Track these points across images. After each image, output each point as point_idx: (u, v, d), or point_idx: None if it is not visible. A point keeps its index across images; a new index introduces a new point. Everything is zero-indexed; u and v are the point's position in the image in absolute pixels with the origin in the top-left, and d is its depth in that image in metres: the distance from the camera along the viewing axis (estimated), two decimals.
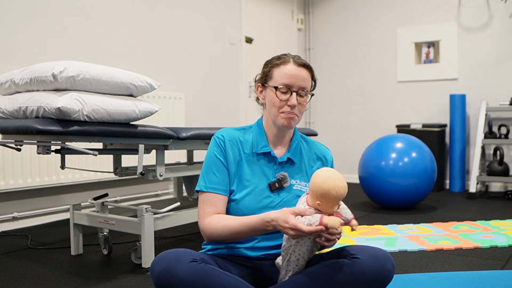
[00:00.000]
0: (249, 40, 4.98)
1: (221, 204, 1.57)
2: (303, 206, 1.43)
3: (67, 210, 3.42)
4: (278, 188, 1.59)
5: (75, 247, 2.53)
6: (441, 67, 5.02)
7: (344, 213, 1.44)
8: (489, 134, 4.55)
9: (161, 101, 3.89)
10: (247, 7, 4.95)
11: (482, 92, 4.82)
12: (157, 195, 4.05)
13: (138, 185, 3.91)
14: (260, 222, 1.45)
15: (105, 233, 2.51)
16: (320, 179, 1.40)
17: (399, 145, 3.70)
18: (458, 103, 4.72)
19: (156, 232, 2.35)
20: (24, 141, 2.21)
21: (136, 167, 2.65)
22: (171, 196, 3.24)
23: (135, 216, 2.35)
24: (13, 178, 3.04)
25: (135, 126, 2.24)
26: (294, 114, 1.56)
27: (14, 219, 3.15)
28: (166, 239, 2.87)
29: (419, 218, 3.46)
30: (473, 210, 3.77)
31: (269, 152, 1.61)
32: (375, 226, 3.18)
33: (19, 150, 2.48)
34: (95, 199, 2.60)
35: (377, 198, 3.76)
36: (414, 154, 3.65)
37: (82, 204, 2.59)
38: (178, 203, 2.48)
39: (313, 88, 1.63)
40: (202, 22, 4.45)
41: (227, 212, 1.59)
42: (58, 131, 1.97)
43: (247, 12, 4.94)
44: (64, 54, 3.35)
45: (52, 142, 2.10)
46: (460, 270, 2.25)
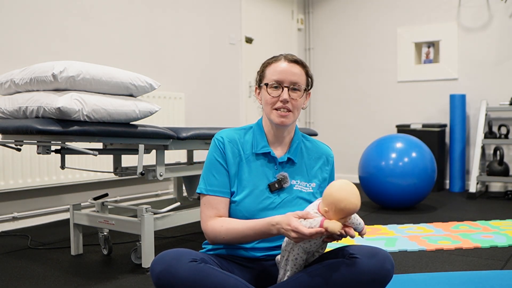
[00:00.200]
0: (249, 40, 4.98)
1: (222, 207, 1.57)
2: (312, 210, 1.43)
3: (67, 210, 3.42)
4: (278, 188, 1.58)
5: (75, 247, 2.53)
6: (441, 67, 5.02)
7: (355, 222, 1.42)
8: (489, 134, 4.55)
9: (161, 101, 3.89)
10: (247, 7, 4.95)
11: (482, 92, 4.82)
12: (157, 195, 4.05)
13: (138, 185, 3.91)
14: (265, 225, 1.45)
15: (105, 233, 2.51)
16: (335, 188, 1.39)
17: (399, 145, 3.70)
18: (458, 103, 4.72)
19: (156, 232, 2.35)
20: (24, 141, 2.21)
21: (136, 167, 2.65)
22: (171, 196, 3.24)
23: (135, 216, 2.35)
24: (13, 178, 3.05)
25: (135, 126, 2.24)
26: (287, 110, 1.55)
27: (14, 219, 3.15)
28: (166, 239, 2.87)
29: (419, 218, 3.46)
30: (473, 210, 3.77)
31: (269, 152, 1.61)
32: (375, 226, 3.18)
33: (19, 150, 2.48)
34: (95, 199, 2.60)
35: (377, 198, 3.76)
36: (414, 154, 3.65)
37: (82, 204, 2.59)
38: (178, 203, 2.48)
39: (309, 85, 1.62)
40: (202, 22, 4.45)
41: (228, 213, 1.59)
42: (58, 131, 1.97)
43: (247, 12, 4.94)
44: (64, 54, 3.35)
45: (52, 142, 2.10)
46: (460, 270, 2.25)
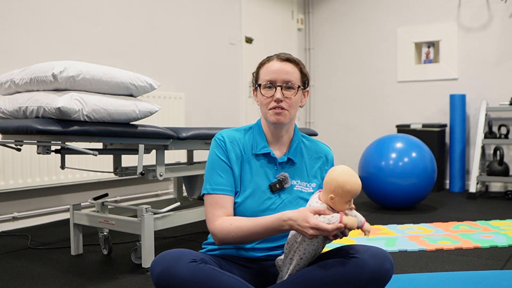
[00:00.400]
0: (249, 40, 4.98)
1: (230, 205, 1.55)
2: (316, 202, 1.44)
3: (67, 210, 3.42)
4: (279, 189, 1.58)
5: (75, 247, 2.53)
6: (441, 67, 5.02)
7: (355, 216, 1.43)
8: (489, 134, 4.55)
9: (161, 101, 3.89)
10: (247, 7, 4.95)
11: (482, 92, 4.82)
12: (157, 195, 4.05)
13: (138, 185, 3.91)
14: (276, 221, 1.42)
15: (105, 233, 2.51)
16: (336, 173, 1.42)
17: (399, 145, 3.70)
18: (458, 103, 4.72)
19: (156, 232, 2.35)
20: (24, 141, 2.21)
21: (136, 167, 2.65)
22: (171, 196, 3.24)
23: (135, 216, 2.35)
24: (13, 178, 3.05)
25: (135, 126, 2.25)
26: (282, 108, 1.54)
27: (14, 219, 3.16)
28: (166, 239, 2.87)
29: (419, 218, 3.46)
30: (473, 210, 3.77)
31: (269, 152, 1.60)
32: (375, 226, 3.18)
33: (19, 150, 2.48)
34: (95, 199, 2.60)
35: (377, 198, 3.76)
36: (414, 154, 3.65)
37: (82, 204, 2.59)
38: (178, 203, 2.48)
39: (306, 83, 1.61)
40: (202, 22, 4.45)
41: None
42: (58, 131, 1.97)
43: (247, 12, 4.94)
44: (64, 54, 3.35)
45: (52, 142, 2.10)
46: (460, 270, 2.25)
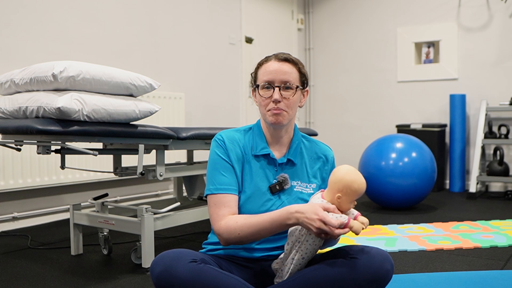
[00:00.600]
0: (249, 40, 4.98)
1: (235, 204, 1.54)
2: (322, 202, 1.44)
3: (67, 210, 3.42)
4: (279, 190, 1.57)
5: (75, 247, 2.53)
6: (441, 67, 5.02)
7: (351, 215, 1.45)
8: (489, 134, 4.55)
9: (161, 101, 3.89)
10: (247, 7, 4.95)
11: (482, 92, 4.82)
12: (157, 195, 4.05)
13: (138, 185, 3.91)
14: (284, 213, 1.41)
15: (105, 233, 2.51)
16: (343, 172, 1.43)
17: (399, 145, 3.70)
18: (458, 103, 4.72)
19: (156, 232, 2.35)
20: (24, 141, 2.21)
21: (136, 167, 2.65)
22: (171, 196, 3.24)
23: (135, 216, 2.35)
24: (13, 178, 3.04)
25: (135, 126, 2.24)
26: (280, 109, 1.53)
27: (14, 219, 3.15)
28: (166, 239, 2.87)
29: (419, 218, 3.46)
30: (473, 210, 3.77)
31: (268, 154, 1.59)
32: (375, 226, 3.18)
33: (19, 150, 2.48)
34: (95, 199, 2.60)
35: (377, 198, 3.76)
36: (414, 154, 3.65)
37: (82, 204, 2.59)
38: (178, 203, 2.48)
39: (305, 83, 1.60)
40: (202, 22, 4.45)
41: None
42: (58, 131, 1.97)
43: (247, 12, 4.94)
44: (64, 54, 3.35)
45: (52, 142, 2.10)
46: (460, 270, 2.25)
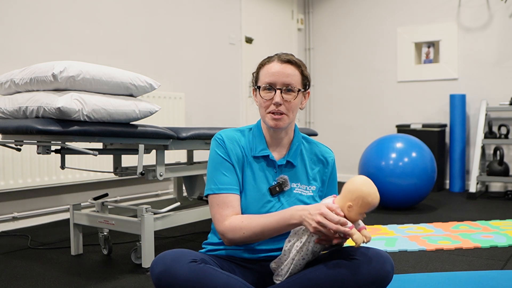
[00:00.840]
0: (249, 40, 4.98)
1: (238, 204, 1.53)
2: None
3: (67, 210, 3.42)
4: (278, 192, 1.56)
5: (75, 247, 2.53)
6: (441, 67, 5.02)
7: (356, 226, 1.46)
8: (489, 134, 4.55)
9: (161, 101, 3.89)
10: (247, 7, 4.94)
11: (482, 92, 4.81)
12: (157, 195, 4.05)
13: (138, 185, 3.91)
14: (289, 212, 1.43)
15: (105, 233, 2.51)
16: (359, 182, 1.42)
17: (399, 145, 3.69)
18: (458, 103, 4.72)
19: (156, 232, 2.35)
20: (24, 141, 2.21)
21: (136, 167, 2.65)
22: (171, 196, 3.24)
23: (135, 216, 2.35)
24: (13, 178, 3.04)
25: (135, 126, 2.24)
26: (281, 113, 1.52)
27: (14, 219, 3.15)
28: (166, 239, 2.87)
29: (419, 218, 3.45)
30: (473, 210, 3.76)
31: (268, 155, 1.58)
32: (375, 226, 3.18)
33: (19, 150, 2.48)
34: (95, 199, 2.60)
35: None
36: (414, 154, 3.65)
37: (82, 204, 2.59)
38: (178, 203, 2.48)
39: (307, 85, 1.58)
40: (202, 22, 4.45)
41: None
42: (58, 131, 1.97)
43: (247, 12, 4.94)
44: (64, 54, 3.35)
45: (52, 142, 2.10)
46: (460, 270, 2.25)
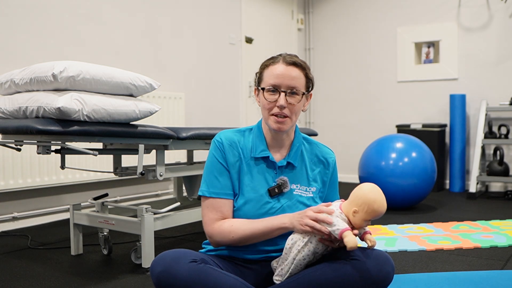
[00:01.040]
0: (249, 40, 4.98)
1: (227, 209, 1.54)
2: (336, 209, 1.44)
3: (67, 210, 3.42)
4: (278, 193, 1.56)
5: (75, 247, 2.53)
6: (441, 67, 5.02)
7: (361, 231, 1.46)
8: (489, 134, 4.55)
9: (161, 101, 3.89)
10: (247, 7, 4.94)
11: (482, 92, 4.81)
12: (157, 195, 4.05)
13: (138, 185, 3.91)
14: (279, 217, 1.47)
15: (105, 233, 2.51)
16: (367, 188, 1.42)
17: (399, 145, 3.69)
18: (458, 103, 4.72)
19: (156, 232, 2.35)
20: (24, 141, 2.21)
21: (136, 167, 2.65)
22: (171, 196, 3.24)
23: (135, 216, 2.35)
24: (13, 178, 3.04)
25: (135, 126, 2.24)
26: (284, 116, 1.51)
27: (14, 219, 3.15)
28: (166, 239, 2.87)
29: (419, 218, 3.45)
30: (473, 210, 3.76)
31: (268, 156, 1.58)
32: (375, 226, 3.18)
33: (19, 150, 2.48)
34: (95, 199, 2.60)
35: None
36: (414, 154, 3.65)
37: (82, 204, 2.59)
38: (178, 203, 2.47)
39: (310, 87, 1.58)
40: (202, 22, 4.45)
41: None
42: (58, 131, 1.97)
43: (247, 12, 4.94)
44: (64, 54, 3.35)
45: (52, 142, 2.10)
46: (460, 270, 2.25)
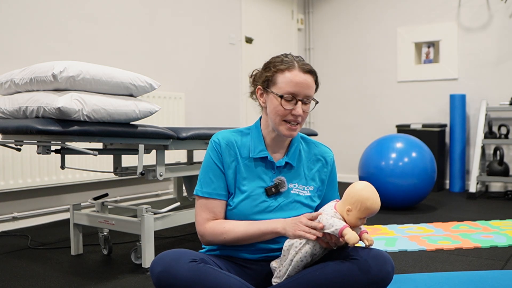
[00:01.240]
0: (249, 40, 4.98)
1: (219, 210, 1.56)
2: (331, 210, 1.43)
3: (67, 210, 3.42)
4: (274, 193, 1.56)
5: (75, 247, 2.53)
6: (441, 67, 5.02)
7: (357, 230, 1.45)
8: (489, 134, 4.55)
9: (161, 101, 3.89)
10: (247, 7, 4.95)
11: (482, 92, 4.81)
12: (157, 195, 4.05)
13: (138, 185, 3.91)
14: (272, 220, 1.48)
15: (105, 233, 2.51)
16: (359, 186, 1.42)
17: (399, 145, 3.69)
18: (458, 103, 4.72)
19: (156, 232, 2.35)
20: (24, 141, 2.21)
21: (136, 167, 2.65)
22: (171, 196, 3.24)
23: (135, 216, 2.35)
24: (13, 178, 3.04)
25: (135, 126, 2.24)
26: (298, 124, 1.52)
27: (14, 219, 3.15)
28: (166, 239, 2.87)
29: (419, 218, 3.45)
30: (473, 210, 3.76)
31: (266, 157, 1.58)
32: (375, 226, 3.18)
33: (19, 150, 2.48)
34: (95, 199, 2.60)
35: None
36: (414, 154, 3.65)
37: (82, 204, 2.59)
38: (178, 203, 2.48)
39: (315, 92, 1.58)
40: (202, 22, 4.45)
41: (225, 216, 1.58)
42: (58, 131, 1.97)
43: (247, 12, 4.94)
44: (64, 54, 3.35)
45: (52, 142, 2.10)
46: (460, 270, 2.25)
